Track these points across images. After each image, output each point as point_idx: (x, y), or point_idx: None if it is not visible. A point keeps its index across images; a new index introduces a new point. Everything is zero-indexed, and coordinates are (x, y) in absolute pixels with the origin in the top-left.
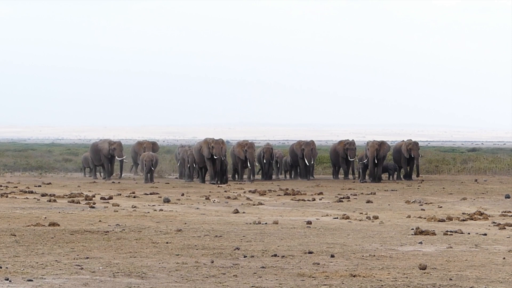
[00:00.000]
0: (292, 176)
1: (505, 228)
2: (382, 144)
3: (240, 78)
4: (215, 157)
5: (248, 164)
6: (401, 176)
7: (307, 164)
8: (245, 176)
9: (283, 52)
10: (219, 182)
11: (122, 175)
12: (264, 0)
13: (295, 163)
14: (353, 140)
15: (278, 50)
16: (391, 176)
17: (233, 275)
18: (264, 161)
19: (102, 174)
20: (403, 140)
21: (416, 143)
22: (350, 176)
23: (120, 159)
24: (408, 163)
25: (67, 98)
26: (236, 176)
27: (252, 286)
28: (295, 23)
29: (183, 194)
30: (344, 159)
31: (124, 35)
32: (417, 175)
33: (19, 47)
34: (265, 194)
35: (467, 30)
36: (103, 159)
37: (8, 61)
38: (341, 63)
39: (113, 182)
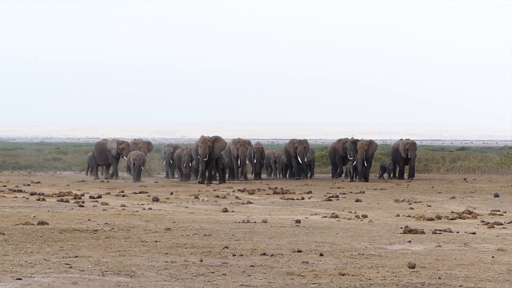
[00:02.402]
0: (287, 175)
1: (494, 227)
2: (370, 143)
3: (229, 77)
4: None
5: (239, 162)
6: (394, 175)
7: (300, 162)
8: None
9: (273, 51)
10: (211, 182)
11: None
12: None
13: (290, 162)
14: (352, 138)
15: (269, 48)
16: (389, 175)
17: (222, 274)
18: (255, 161)
19: (104, 173)
20: (401, 139)
21: (413, 143)
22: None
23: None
24: (405, 163)
25: (56, 97)
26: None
27: (241, 285)
28: (289, 20)
29: (172, 193)
30: (342, 158)
31: (113, 35)
32: (412, 176)
33: (8, 46)
34: (254, 193)
35: (457, 29)
36: (111, 159)
37: None
38: (331, 61)
39: (102, 181)
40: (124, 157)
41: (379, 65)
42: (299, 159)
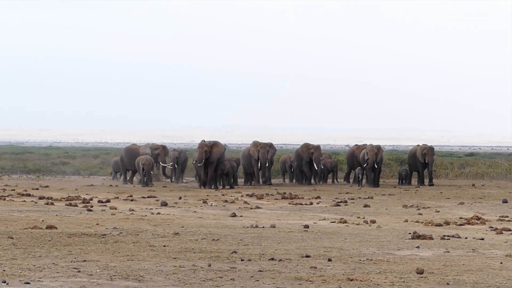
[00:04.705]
0: (294, 180)
1: (502, 233)
2: (379, 148)
3: (238, 81)
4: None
5: (259, 165)
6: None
7: (316, 168)
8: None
9: (283, 55)
10: (216, 187)
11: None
12: (261, 1)
13: (302, 167)
14: (378, 145)
15: (277, 53)
16: (401, 182)
17: (230, 279)
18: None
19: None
20: (418, 145)
21: (431, 148)
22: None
23: (164, 165)
24: (423, 168)
25: (64, 101)
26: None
27: None
28: (296, 28)
29: (180, 198)
30: (360, 164)
31: (121, 38)
32: (430, 181)
33: (17, 50)
34: (262, 198)
35: (464, 34)
36: None
37: (6, 64)
38: (338, 66)
39: (110, 185)
40: (160, 162)
41: (388, 71)
42: (315, 165)
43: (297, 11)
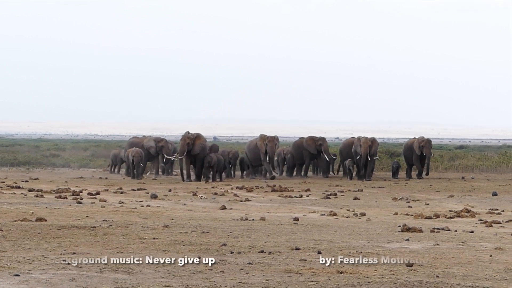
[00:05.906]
0: (285, 172)
1: (492, 226)
2: (373, 141)
3: (228, 74)
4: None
5: (267, 159)
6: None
7: (327, 160)
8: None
9: (270, 49)
10: (201, 180)
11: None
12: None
13: (300, 160)
14: (373, 137)
15: (265, 46)
16: (393, 175)
17: (220, 271)
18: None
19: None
20: (414, 137)
21: (428, 141)
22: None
23: (169, 157)
24: (419, 161)
25: (54, 93)
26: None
27: (239, 282)
28: (285, 22)
29: (170, 190)
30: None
31: (112, 32)
32: (427, 174)
33: (7, 43)
34: (252, 191)
35: (454, 28)
36: (148, 157)
37: None
38: (328, 59)
39: (100, 178)
40: (165, 155)
41: (377, 63)
42: (325, 156)
43: (288, 7)
